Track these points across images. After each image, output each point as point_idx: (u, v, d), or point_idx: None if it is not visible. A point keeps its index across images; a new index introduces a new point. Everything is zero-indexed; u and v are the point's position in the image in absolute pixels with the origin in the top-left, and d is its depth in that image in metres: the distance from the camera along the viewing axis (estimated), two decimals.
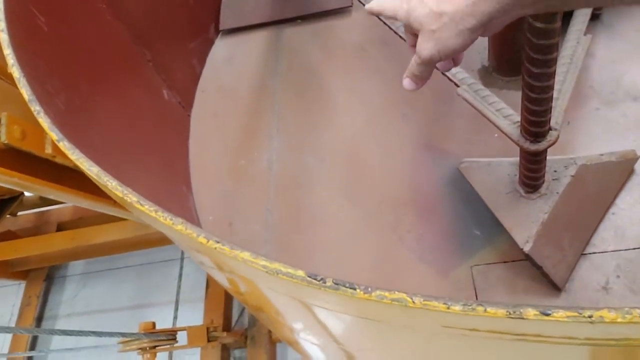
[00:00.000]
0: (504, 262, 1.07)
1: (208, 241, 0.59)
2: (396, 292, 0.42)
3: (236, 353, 2.13)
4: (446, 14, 0.56)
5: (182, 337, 1.90)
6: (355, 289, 0.43)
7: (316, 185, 1.30)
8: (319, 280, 0.44)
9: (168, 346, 1.78)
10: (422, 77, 0.63)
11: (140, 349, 1.65)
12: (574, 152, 1.11)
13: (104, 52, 1.09)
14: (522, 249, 0.95)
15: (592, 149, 1.10)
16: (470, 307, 0.39)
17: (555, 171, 0.99)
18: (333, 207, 1.25)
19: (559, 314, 0.36)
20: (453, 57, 0.65)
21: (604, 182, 1.04)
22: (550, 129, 0.83)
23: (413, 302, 0.41)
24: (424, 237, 1.15)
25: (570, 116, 1.17)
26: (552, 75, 0.70)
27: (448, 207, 1.16)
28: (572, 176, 0.98)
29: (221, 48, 1.63)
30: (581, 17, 0.99)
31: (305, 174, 1.32)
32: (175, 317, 2.16)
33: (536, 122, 0.79)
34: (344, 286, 0.43)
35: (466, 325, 0.43)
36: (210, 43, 1.64)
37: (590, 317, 0.36)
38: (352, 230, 1.21)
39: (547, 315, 0.36)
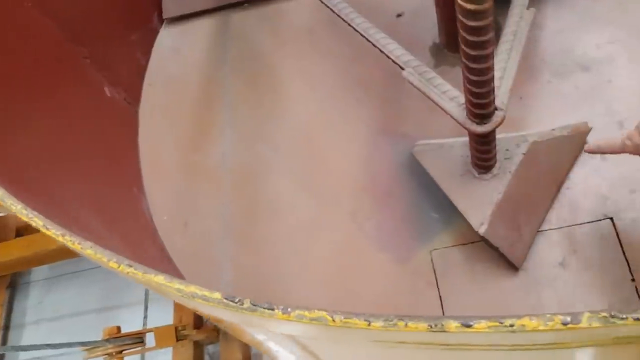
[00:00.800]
0: (463, 244, 1.06)
1: (119, 265, 0.55)
2: (316, 311, 0.39)
3: (210, 349, 2.10)
4: None
5: (152, 338, 1.87)
6: (273, 310, 0.40)
7: (272, 175, 1.26)
8: (236, 302, 0.41)
9: (137, 349, 1.74)
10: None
11: (106, 354, 1.61)
12: (526, 127, 1.10)
13: (30, 53, 1.02)
14: (477, 232, 0.94)
15: (544, 123, 1.09)
16: (391, 322, 0.37)
17: (507, 150, 0.98)
18: (290, 197, 1.22)
19: (480, 325, 0.34)
20: None
21: (557, 158, 1.03)
22: (496, 109, 0.81)
23: (333, 320, 0.38)
24: (382, 224, 1.13)
25: (521, 91, 1.15)
26: (489, 56, 0.67)
27: (406, 192, 1.14)
28: (524, 154, 0.96)
29: (166, 38, 1.57)
30: None
31: (261, 165, 1.29)
32: (145, 317, 2.11)
33: (480, 104, 0.76)
34: (262, 307, 0.40)
35: (392, 338, 0.40)
36: (155, 33, 1.57)
37: (511, 326, 0.34)
38: (311, 220, 1.18)
39: (469, 326, 0.34)
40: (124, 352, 1.64)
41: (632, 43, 1.13)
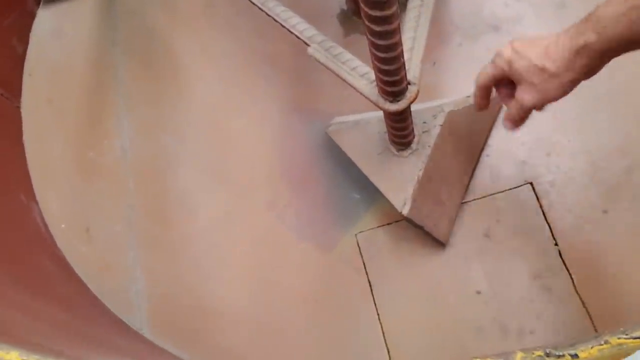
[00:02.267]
0: (387, 224, 1.01)
1: None
2: None
3: None
4: (547, 70, 0.57)
5: None
6: None
7: (179, 169, 1.15)
8: None
9: None
10: (522, 120, 0.60)
11: None
12: (442, 94, 1.06)
13: None
14: (401, 213, 0.89)
15: (460, 88, 1.05)
16: None
17: (424, 123, 0.93)
18: (201, 192, 1.12)
19: None
20: None
21: (474, 124, 0.99)
22: (408, 84, 0.75)
23: None
24: (302, 212, 1.06)
25: (434, 56, 1.11)
26: (395, 31, 0.60)
27: (324, 174, 1.08)
28: (442, 125, 0.92)
29: (45, 20, 1.38)
30: None
31: (165, 158, 1.17)
32: None
33: (391, 81, 0.70)
34: None
35: None
36: (31, 16, 1.38)
37: None
38: (225, 214, 1.09)
39: None
40: None
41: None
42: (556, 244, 0.93)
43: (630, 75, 1.00)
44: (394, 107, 0.75)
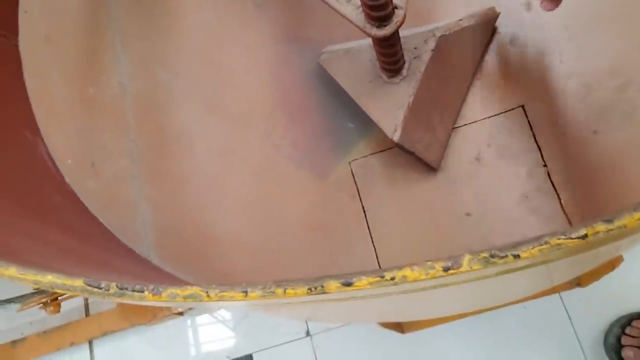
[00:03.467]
0: (381, 151, 1.04)
1: None
2: (189, 288, 0.36)
3: None
4: None
5: None
6: (143, 292, 0.36)
7: (176, 102, 1.17)
8: (101, 288, 0.37)
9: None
10: None
11: (41, 303, 1.56)
12: (434, 19, 1.04)
13: None
14: (391, 139, 0.91)
15: (452, 12, 1.04)
16: (269, 290, 0.34)
17: (415, 48, 0.93)
18: (199, 124, 1.14)
19: (362, 282, 0.31)
20: None
21: (466, 49, 0.99)
22: (395, 7, 0.75)
23: (208, 295, 0.35)
24: (298, 141, 1.08)
25: None
26: None
27: (319, 103, 1.09)
28: (433, 50, 0.92)
29: None
30: None
31: (163, 91, 1.19)
32: None
33: (375, 6, 0.70)
34: (131, 290, 0.36)
35: (284, 302, 0.38)
36: None
37: (392, 279, 0.31)
38: (223, 146, 1.12)
39: (349, 285, 0.31)
40: (59, 298, 1.60)
41: None
42: (545, 166, 0.95)
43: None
44: (381, 32, 0.75)
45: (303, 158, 1.07)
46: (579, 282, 1.41)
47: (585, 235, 0.30)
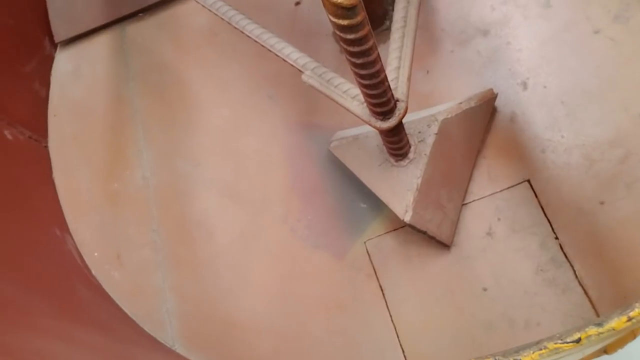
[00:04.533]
0: (394, 229, 1.07)
1: None
2: None
3: None
4: None
5: None
6: None
7: (197, 191, 1.23)
8: None
9: None
10: None
11: None
12: (436, 101, 1.10)
13: None
14: (403, 220, 0.95)
15: (453, 94, 1.10)
16: None
17: (419, 132, 0.98)
18: (219, 211, 1.20)
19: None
20: None
21: (469, 129, 1.04)
22: (397, 101, 0.80)
23: None
24: (314, 223, 1.12)
25: (427, 64, 1.16)
26: (375, 61, 0.66)
27: (331, 186, 1.14)
28: (436, 133, 0.97)
29: (63, 62, 1.48)
30: None
31: (184, 181, 1.25)
32: None
33: (378, 103, 0.76)
34: None
35: None
36: (50, 60, 1.48)
37: None
38: (243, 230, 1.16)
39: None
40: None
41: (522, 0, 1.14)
42: (556, 238, 0.97)
43: (615, 70, 1.03)
44: (385, 125, 0.81)
45: (319, 239, 1.10)
46: (605, 349, 1.38)
47: (579, 340, 0.33)
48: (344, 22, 0.58)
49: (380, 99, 0.75)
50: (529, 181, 1.02)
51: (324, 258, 1.09)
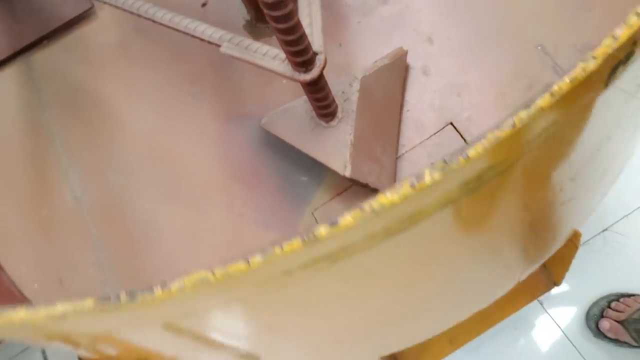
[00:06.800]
0: (338, 194, 1.10)
1: None
2: (195, 274, 0.38)
3: None
4: None
5: None
6: (153, 292, 0.38)
7: (135, 201, 1.20)
8: (113, 300, 0.39)
9: None
10: None
11: None
12: (353, 69, 1.16)
13: None
14: (344, 175, 0.97)
15: (368, 60, 1.16)
16: (268, 252, 0.37)
17: (343, 92, 1.02)
18: (161, 215, 1.17)
19: (346, 220, 0.35)
20: None
21: (388, 85, 1.10)
22: (315, 54, 0.84)
23: (214, 275, 0.37)
24: (259, 205, 1.13)
25: (339, 37, 1.21)
26: (292, 14, 0.69)
27: (270, 167, 1.15)
28: (359, 91, 1.02)
29: None
30: None
31: (119, 194, 1.22)
32: None
33: (298, 51, 0.79)
34: (141, 293, 0.38)
35: (292, 265, 0.41)
36: None
37: (372, 207, 0.35)
38: (190, 228, 1.14)
39: (335, 224, 0.35)
40: None
41: None
42: None
43: (509, 10, 1.13)
44: (308, 76, 0.84)
45: (268, 219, 1.11)
46: (554, 280, 1.46)
47: (514, 124, 0.36)
48: None
49: (298, 46, 0.78)
50: (452, 123, 1.08)
51: (274, 236, 1.09)
